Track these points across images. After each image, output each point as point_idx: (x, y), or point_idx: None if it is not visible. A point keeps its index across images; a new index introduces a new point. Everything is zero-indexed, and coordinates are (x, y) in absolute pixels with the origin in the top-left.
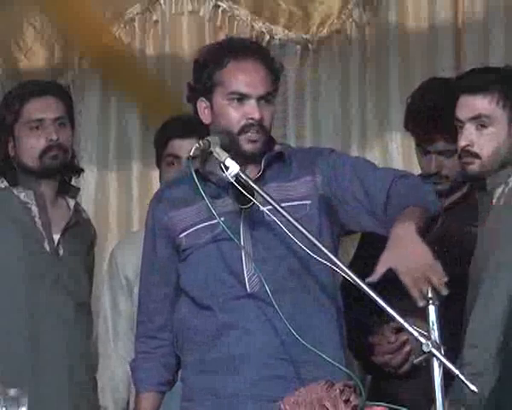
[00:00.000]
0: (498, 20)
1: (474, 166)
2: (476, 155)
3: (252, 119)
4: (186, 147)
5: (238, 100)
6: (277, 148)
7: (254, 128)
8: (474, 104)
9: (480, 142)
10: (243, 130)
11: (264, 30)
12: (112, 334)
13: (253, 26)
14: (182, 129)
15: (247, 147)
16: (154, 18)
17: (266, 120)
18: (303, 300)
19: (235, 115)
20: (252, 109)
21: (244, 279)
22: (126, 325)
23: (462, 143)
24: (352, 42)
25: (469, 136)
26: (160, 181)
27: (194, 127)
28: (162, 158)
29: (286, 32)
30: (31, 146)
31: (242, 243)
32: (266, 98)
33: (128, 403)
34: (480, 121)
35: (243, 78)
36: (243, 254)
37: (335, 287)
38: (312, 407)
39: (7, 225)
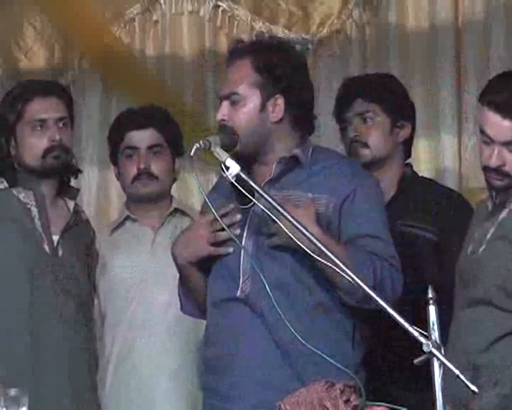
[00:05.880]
0: (498, 20)
1: (503, 183)
2: (508, 175)
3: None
4: (143, 138)
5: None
6: (295, 151)
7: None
8: (505, 128)
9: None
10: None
11: (264, 30)
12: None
13: (252, 26)
14: (138, 120)
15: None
16: (154, 18)
17: (231, 118)
18: (302, 301)
19: None
20: None
21: (239, 280)
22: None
23: (494, 162)
24: (352, 42)
25: (501, 156)
26: (119, 178)
27: (150, 118)
28: (119, 152)
29: (286, 32)
30: (33, 146)
31: (244, 244)
32: (231, 98)
33: None
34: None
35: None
36: (242, 254)
37: None
38: (313, 406)
39: (6, 225)
